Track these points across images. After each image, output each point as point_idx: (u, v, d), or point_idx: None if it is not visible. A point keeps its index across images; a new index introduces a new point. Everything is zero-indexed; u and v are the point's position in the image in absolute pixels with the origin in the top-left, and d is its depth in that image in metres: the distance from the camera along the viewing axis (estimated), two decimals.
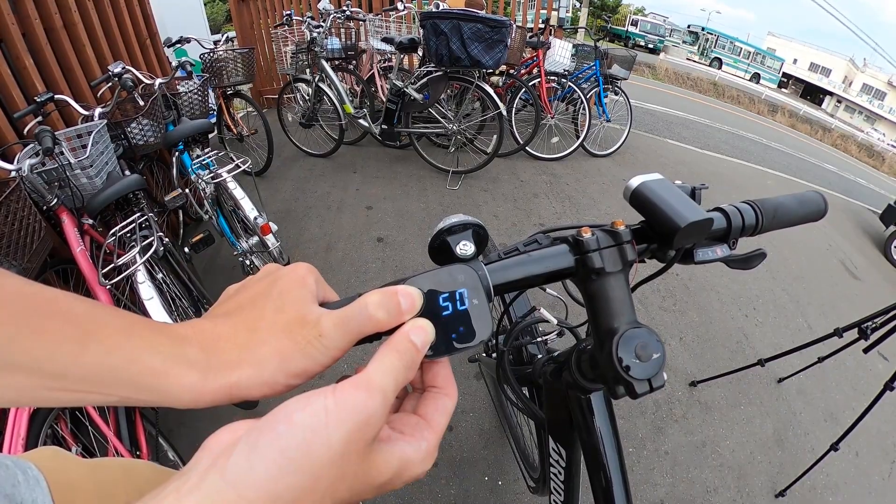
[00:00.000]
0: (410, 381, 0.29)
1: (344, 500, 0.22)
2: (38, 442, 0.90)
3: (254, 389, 0.26)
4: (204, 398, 0.25)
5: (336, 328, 0.27)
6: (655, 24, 26.03)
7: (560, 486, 0.65)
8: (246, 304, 0.29)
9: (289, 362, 0.26)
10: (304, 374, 0.27)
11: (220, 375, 0.25)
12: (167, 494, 0.19)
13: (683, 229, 0.35)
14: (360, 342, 0.30)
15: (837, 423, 1.79)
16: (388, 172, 3.25)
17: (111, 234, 1.34)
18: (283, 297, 0.28)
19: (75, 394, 0.24)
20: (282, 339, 0.27)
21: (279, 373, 0.26)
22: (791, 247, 3.14)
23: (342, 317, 0.27)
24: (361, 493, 0.23)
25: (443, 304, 0.29)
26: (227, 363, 0.26)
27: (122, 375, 0.24)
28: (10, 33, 1.56)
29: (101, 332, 0.24)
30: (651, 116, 7.32)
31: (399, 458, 0.25)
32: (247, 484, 0.19)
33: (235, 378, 0.26)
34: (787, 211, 0.47)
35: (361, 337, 0.28)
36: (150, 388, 0.25)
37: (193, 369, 0.25)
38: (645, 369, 0.34)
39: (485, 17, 2.45)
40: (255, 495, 0.19)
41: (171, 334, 0.26)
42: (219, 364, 0.26)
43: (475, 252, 0.35)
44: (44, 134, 1.26)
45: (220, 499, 0.18)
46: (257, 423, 0.21)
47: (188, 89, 2.26)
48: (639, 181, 0.40)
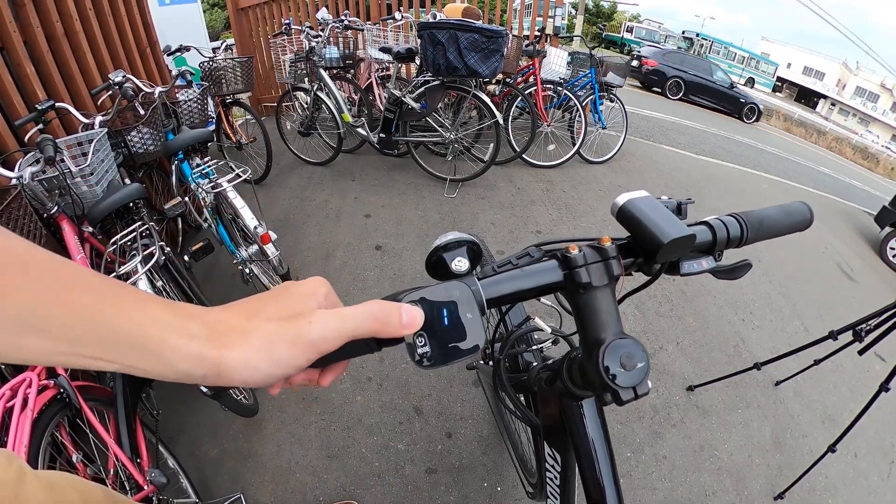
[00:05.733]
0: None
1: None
2: (39, 447, 0.90)
3: (238, 371, 0.28)
4: (197, 369, 0.28)
5: (328, 320, 0.29)
6: (651, 31, 26.23)
7: (556, 491, 0.67)
8: (253, 301, 0.32)
9: (273, 347, 0.28)
10: (287, 362, 0.29)
11: (214, 349, 0.28)
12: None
13: (666, 245, 0.37)
14: (356, 354, 0.32)
15: (835, 425, 1.80)
16: (386, 181, 3.27)
17: (112, 243, 1.35)
18: (289, 299, 0.31)
19: (86, 359, 0.27)
20: (274, 326, 0.29)
21: (263, 358, 0.28)
22: (786, 249, 3.16)
23: (338, 312, 0.30)
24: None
25: (439, 317, 0.31)
26: (222, 341, 0.28)
27: (131, 343, 0.27)
28: (11, 41, 1.58)
29: (114, 302, 0.27)
30: (647, 122, 7.37)
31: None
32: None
33: (225, 355, 0.28)
34: (773, 222, 0.49)
35: (354, 336, 0.30)
36: (155, 355, 0.27)
37: (195, 340, 0.28)
38: (630, 377, 0.35)
39: (481, 27, 2.48)
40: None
41: (178, 310, 0.29)
42: (215, 339, 0.28)
43: (469, 268, 0.37)
44: (45, 142, 1.27)
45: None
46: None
47: (188, 98, 2.28)
48: (625, 199, 0.42)
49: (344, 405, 1.65)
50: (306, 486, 1.40)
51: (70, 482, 0.50)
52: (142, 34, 2.43)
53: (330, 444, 1.52)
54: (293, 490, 1.39)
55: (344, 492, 1.39)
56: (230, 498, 1.33)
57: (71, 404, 1.03)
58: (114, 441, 1.07)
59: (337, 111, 3.06)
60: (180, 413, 1.56)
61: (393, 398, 1.68)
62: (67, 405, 1.03)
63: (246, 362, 0.28)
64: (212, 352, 0.28)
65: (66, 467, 1.02)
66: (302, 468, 1.45)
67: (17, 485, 0.41)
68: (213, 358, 0.28)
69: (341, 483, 1.41)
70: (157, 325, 0.27)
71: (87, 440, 1.08)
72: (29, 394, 0.96)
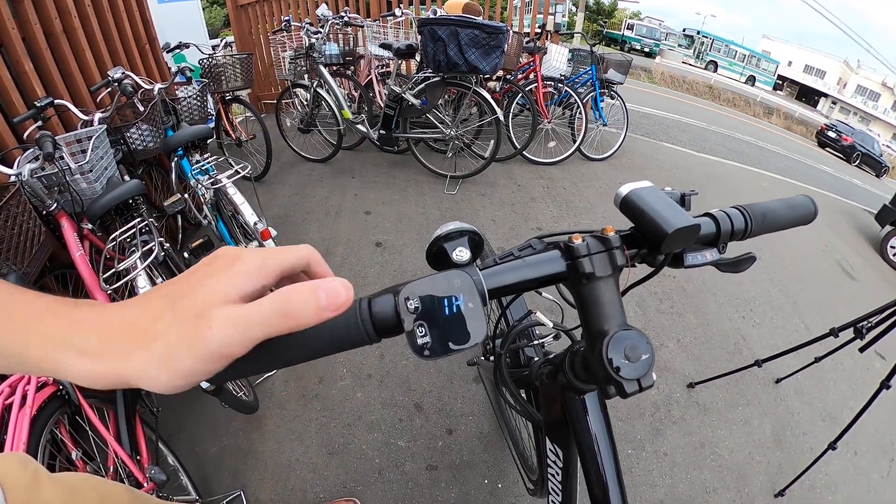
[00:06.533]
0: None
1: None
2: (39, 444, 0.90)
3: (141, 382, 0.25)
4: (98, 383, 0.26)
5: (229, 324, 0.25)
6: (651, 28, 26.19)
7: (558, 487, 0.66)
8: (171, 289, 0.28)
9: (174, 358, 0.25)
10: (189, 373, 0.25)
11: (110, 364, 0.25)
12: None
13: (671, 235, 0.37)
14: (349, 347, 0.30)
15: (835, 423, 1.80)
16: (386, 177, 3.27)
17: (111, 239, 1.34)
18: (202, 287, 0.27)
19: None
20: (177, 331, 0.25)
21: (162, 370, 0.25)
22: (787, 247, 3.16)
23: (240, 314, 0.26)
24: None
25: (439, 307, 0.31)
26: (119, 352, 0.25)
27: (23, 360, 0.26)
28: (10, 38, 1.57)
29: (5, 319, 0.26)
30: (647, 120, 7.36)
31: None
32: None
33: (124, 368, 0.25)
34: (777, 215, 0.48)
35: (265, 338, 0.26)
36: (49, 371, 0.26)
37: (84, 357, 0.25)
38: (634, 369, 0.35)
39: (482, 23, 2.47)
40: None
41: (69, 318, 0.26)
42: (111, 353, 0.25)
43: (471, 258, 0.36)
44: (44, 139, 1.27)
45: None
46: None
47: (187, 95, 2.27)
48: (628, 189, 0.41)
49: (344, 402, 1.64)
50: (306, 483, 1.40)
51: (89, 483, 0.49)
52: (141, 31, 2.42)
53: (330, 441, 1.51)
54: (293, 487, 1.39)
55: (344, 489, 1.39)
56: (230, 495, 1.33)
57: (70, 401, 1.03)
58: (113, 438, 1.07)
59: (337, 108, 3.05)
60: (180, 410, 1.56)
61: (393, 395, 1.68)
62: (67, 402, 1.02)
63: (144, 373, 0.25)
64: (105, 366, 0.25)
65: (66, 465, 1.02)
66: (302, 465, 1.44)
67: (32, 488, 0.40)
68: (109, 372, 0.26)
69: (341, 480, 1.41)
70: (46, 344, 0.26)
71: (87, 437, 1.07)
72: (28, 391, 0.95)
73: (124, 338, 0.26)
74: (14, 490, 0.38)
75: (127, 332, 0.26)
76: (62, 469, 1.02)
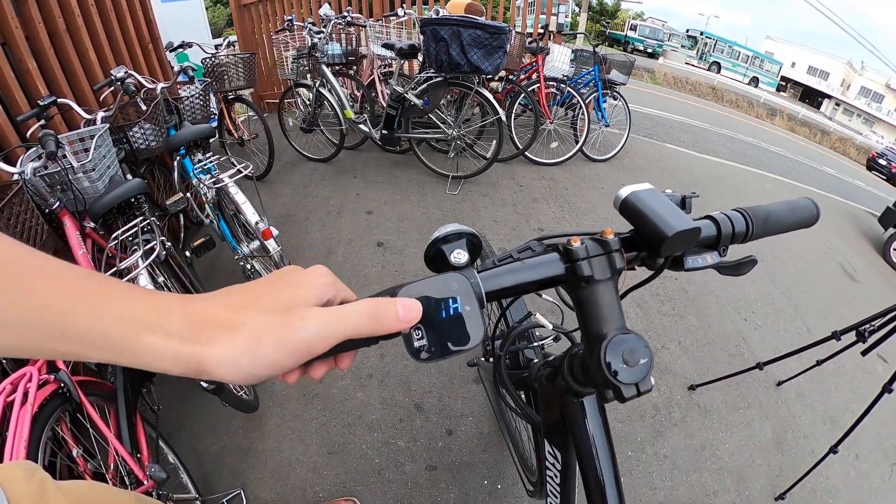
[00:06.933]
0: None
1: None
2: (40, 442, 0.90)
3: (219, 368, 0.26)
4: (175, 367, 0.26)
5: (324, 319, 0.27)
6: (654, 29, 26.14)
7: (556, 489, 0.66)
8: (246, 290, 0.29)
9: (260, 346, 0.26)
10: (273, 363, 0.27)
11: (195, 348, 0.26)
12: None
13: (670, 238, 0.36)
14: (351, 349, 0.31)
15: (837, 426, 1.80)
16: (388, 177, 3.27)
17: (113, 238, 1.35)
18: (285, 290, 0.29)
19: (60, 353, 0.26)
20: (264, 321, 0.27)
21: (247, 358, 0.26)
22: (789, 250, 3.15)
23: (334, 311, 0.28)
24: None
25: (437, 309, 0.31)
26: (204, 337, 0.26)
27: (101, 341, 0.25)
28: (13, 36, 1.57)
29: (83, 297, 0.25)
30: (650, 121, 7.34)
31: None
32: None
33: (205, 353, 0.26)
34: (779, 218, 0.48)
35: (351, 336, 0.28)
36: (129, 352, 0.26)
37: (171, 338, 0.26)
38: (632, 374, 0.35)
39: (484, 24, 2.47)
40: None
41: (155, 304, 0.27)
42: (195, 336, 0.26)
43: (469, 260, 0.36)
44: (47, 137, 1.27)
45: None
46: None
47: (190, 94, 2.28)
48: (628, 191, 0.41)
49: (344, 401, 1.65)
50: (306, 482, 1.40)
51: (96, 491, 0.48)
52: (144, 30, 2.42)
53: (330, 441, 1.52)
54: (293, 486, 1.39)
55: (344, 488, 1.39)
56: (230, 493, 1.33)
57: (71, 399, 1.03)
58: (114, 436, 1.07)
59: (339, 108, 3.05)
60: (181, 409, 1.57)
61: (394, 395, 1.68)
62: (68, 400, 1.03)
63: (228, 361, 0.26)
64: (190, 349, 0.26)
65: (67, 462, 1.02)
66: (302, 464, 1.45)
67: (39, 498, 0.40)
68: (190, 356, 0.26)
69: (341, 479, 1.41)
70: (129, 323, 0.26)
71: (88, 435, 1.08)
72: (29, 388, 0.96)
73: (210, 325, 0.27)
74: (20, 500, 0.38)
75: (211, 320, 0.27)
76: (63, 466, 1.02)
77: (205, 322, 0.27)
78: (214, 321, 0.27)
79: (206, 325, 0.27)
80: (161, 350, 0.26)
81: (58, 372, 1.03)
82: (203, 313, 0.27)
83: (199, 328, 0.26)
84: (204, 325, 0.27)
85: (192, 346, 0.26)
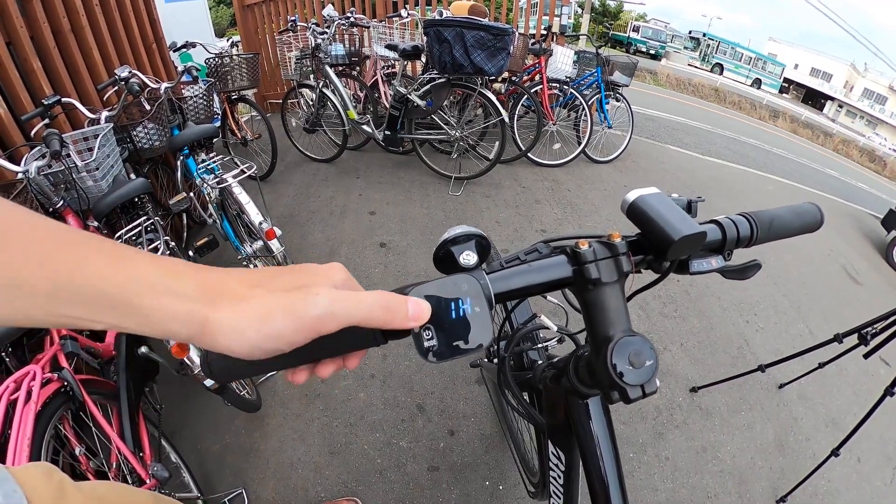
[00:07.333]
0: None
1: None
2: (43, 440, 0.91)
3: (224, 335, 0.26)
4: (182, 329, 0.26)
5: (340, 296, 0.27)
6: (657, 31, 26.12)
7: (559, 491, 0.66)
8: (261, 272, 0.30)
9: (269, 317, 0.26)
10: (280, 336, 0.26)
11: (202, 308, 0.26)
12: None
13: (677, 242, 0.37)
14: (360, 346, 0.31)
15: (839, 429, 1.79)
16: (391, 178, 3.27)
17: (117, 237, 1.35)
18: (300, 276, 0.29)
19: (69, 318, 0.25)
20: (276, 297, 0.27)
21: (254, 327, 0.26)
22: (792, 252, 3.14)
23: (345, 295, 0.28)
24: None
25: (446, 310, 0.31)
26: (214, 302, 0.26)
27: (114, 303, 0.25)
28: (18, 36, 1.58)
29: (98, 259, 0.25)
30: (653, 122, 7.34)
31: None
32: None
33: (213, 317, 0.26)
34: (783, 223, 0.48)
35: (362, 322, 0.28)
36: (141, 315, 0.26)
37: (181, 299, 0.26)
38: (638, 375, 0.35)
39: (487, 25, 2.47)
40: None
41: (169, 268, 0.27)
42: (205, 300, 0.26)
43: (478, 261, 0.36)
44: (51, 137, 1.27)
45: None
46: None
47: (193, 94, 2.28)
48: (635, 195, 0.41)
49: (347, 401, 1.65)
50: (308, 482, 1.40)
51: (115, 491, 0.48)
52: (148, 30, 2.43)
53: (332, 441, 1.52)
54: (295, 486, 1.39)
55: (345, 488, 1.39)
56: (232, 493, 1.34)
57: (74, 397, 1.04)
58: (117, 435, 1.08)
59: (342, 108, 3.06)
60: (183, 408, 1.57)
61: (396, 395, 1.68)
62: (71, 398, 1.03)
63: (234, 327, 0.26)
64: (199, 309, 0.26)
65: (69, 460, 1.03)
66: (304, 464, 1.45)
67: (58, 499, 0.40)
68: (198, 317, 0.26)
69: (343, 479, 1.41)
70: (143, 285, 0.26)
71: (91, 433, 1.08)
72: (33, 386, 0.96)
73: (222, 293, 0.27)
74: (40, 501, 0.38)
75: (223, 289, 0.27)
76: (65, 464, 1.03)
77: (217, 290, 0.27)
78: (227, 291, 0.27)
79: (218, 293, 0.27)
80: (171, 310, 0.26)
81: (61, 370, 1.04)
82: (216, 282, 0.27)
83: (211, 294, 0.27)
84: (216, 292, 0.27)
85: (202, 307, 0.26)
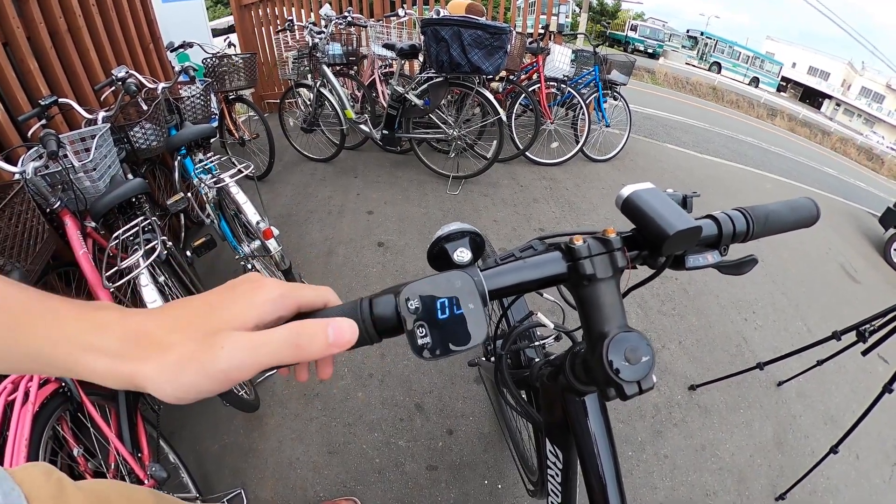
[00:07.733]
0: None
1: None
2: (41, 441, 0.90)
3: (150, 388, 0.27)
4: (113, 382, 0.27)
5: (239, 349, 0.27)
6: (655, 29, 26.14)
7: (557, 489, 0.66)
8: (187, 307, 0.29)
9: (182, 372, 0.26)
10: (193, 389, 0.27)
11: (126, 365, 0.27)
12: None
13: (672, 237, 0.37)
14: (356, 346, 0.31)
15: (837, 426, 1.79)
16: (388, 177, 3.27)
17: (114, 238, 1.35)
18: (222, 310, 0.28)
19: (27, 371, 0.28)
20: (190, 346, 0.27)
21: (170, 381, 0.26)
22: (790, 250, 3.15)
23: (251, 342, 0.27)
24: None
25: (440, 308, 0.31)
26: (135, 355, 0.27)
27: (44, 360, 0.27)
28: (14, 36, 1.57)
29: (29, 320, 0.27)
30: (650, 121, 7.34)
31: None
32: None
33: (136, 370, 0.27)
34: (779, 217, 0.48)
35: (272, 365, 0.27)
36: (70, 371, 0.27)
37: (103, 357, 0.27)
38: (634, 371, 0.35)
39: (485, 24, 2.47)
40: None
41: (93, 321, 0.28)
42: (128, 353, 0.27)
43: (472, 259, 0.36)
44: (48, 137, 1.27)
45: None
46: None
47: (191, 94, 2.28)
48: (630, 190, 0.41)
49: (345, 401, 1.65)
50: (307, 481, 1.40)
51: (115, 489, 0.48)
52: (145, 30, 2.43)
53: (331, 440, 1.52)
54: (293, 486, 1.39)
55: (344, 488, 1.39)
56: (231, 493, 1.34)
57: (72, 398, 1.03)
58: (115, 435, 1.07)
59: (340, 108, 3.05)
60: (181, 408, 1.57)
61: (394, 394, 1.68)
62: (69, 399, 1.03)
63: (155, 380, 0.27)
64: (122, 367, 0.27)
65: (67, 461, 1.03)
66: (302, 464, 1.45)
67: (58, 498, 0.40)
68: (123, 373, 0.27)
69: (342, 479, 1.41)
70: (70, 343, 0.27)
71: (89, 434, 1.08)
72: (30, 388, 0.96)
73: (141, 344, 0.27)
74: (40, 501, 0.38)
75: (144, 338, 0.28)
76: (63, 465, 1.02)
77: (138, 339, 0.28)
78: (148, 339, 0.28)
79: (139, 343, 0.28)
80: (98, 368, 0.27)
81: None
82: (138, 330, 0.28)
83: (132, 345, 0.27)
84: (137, 341, 0.28)
85: (125, 363, 0.27)
